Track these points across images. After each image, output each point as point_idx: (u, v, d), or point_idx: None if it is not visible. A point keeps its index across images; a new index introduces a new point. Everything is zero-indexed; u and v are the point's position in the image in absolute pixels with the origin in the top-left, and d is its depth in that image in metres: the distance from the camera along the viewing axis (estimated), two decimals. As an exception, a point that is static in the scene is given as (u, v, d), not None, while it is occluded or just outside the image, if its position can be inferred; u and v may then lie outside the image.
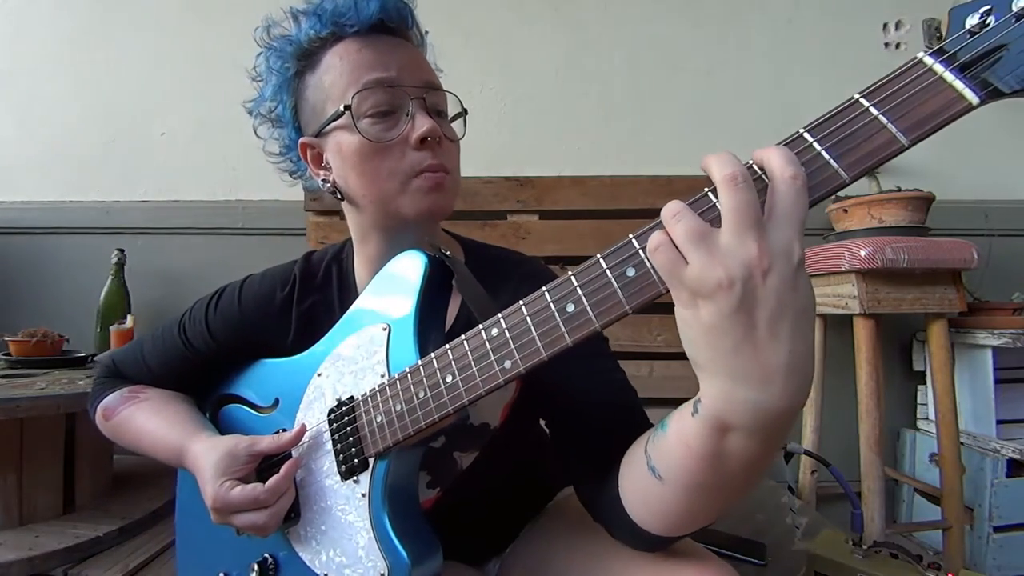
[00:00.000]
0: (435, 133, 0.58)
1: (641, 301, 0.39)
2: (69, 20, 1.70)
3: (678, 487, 0.43)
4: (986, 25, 0.34)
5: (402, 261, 0.58)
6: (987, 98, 0.33)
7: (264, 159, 0.69)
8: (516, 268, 0.69)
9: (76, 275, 1.64)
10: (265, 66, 0.64)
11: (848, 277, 1.28)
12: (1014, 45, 0.33)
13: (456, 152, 0.64)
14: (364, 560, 0.53)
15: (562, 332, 0.42)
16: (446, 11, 1.60)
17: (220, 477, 0.57)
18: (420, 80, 0.60)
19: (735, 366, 0.34)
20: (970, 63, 0.34)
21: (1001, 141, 1.62)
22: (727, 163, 0.34)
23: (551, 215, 1.53)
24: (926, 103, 0.34)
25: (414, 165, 0.58)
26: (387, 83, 0.58)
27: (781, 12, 1.67)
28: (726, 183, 0.33)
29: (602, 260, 0.40)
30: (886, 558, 0.81)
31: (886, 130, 0.34)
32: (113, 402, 0.71)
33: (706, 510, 0.45)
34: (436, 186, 0.59)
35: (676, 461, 0.42)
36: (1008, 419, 1.41)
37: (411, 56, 0.61)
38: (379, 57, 0.59)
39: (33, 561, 0.92)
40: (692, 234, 0.34)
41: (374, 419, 0.54)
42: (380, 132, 0.58)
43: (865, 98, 0.35)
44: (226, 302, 0.71)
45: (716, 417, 0.37)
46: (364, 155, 0.59)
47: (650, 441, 0.46)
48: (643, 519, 0.49)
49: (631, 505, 0.49)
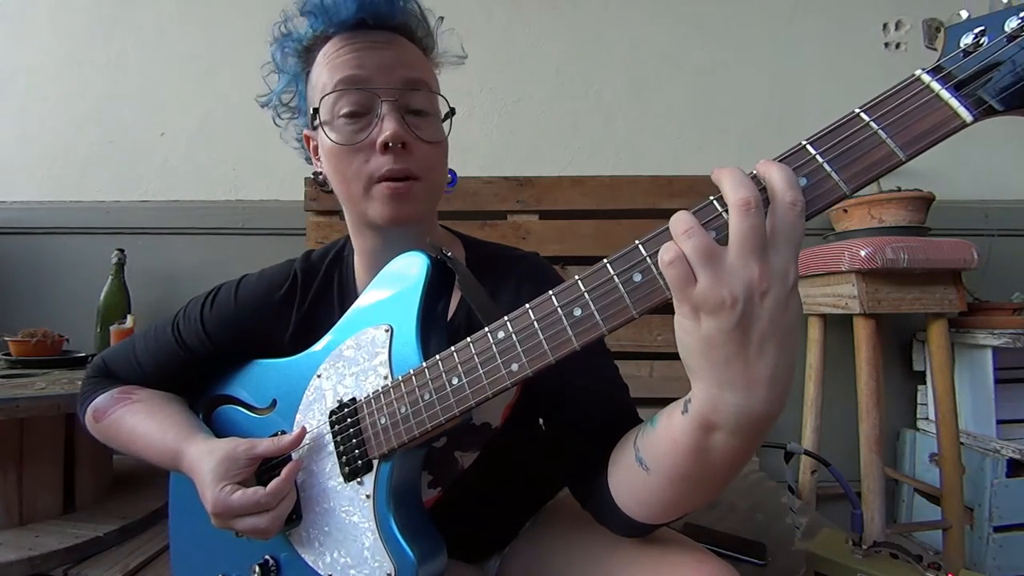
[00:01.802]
0: (396, 138, 0.56)
1: (648, 306, 0.40)
2: (69, 20, 1.70)
3: (663, 478, 0.46)
4: (980, 45, 0.35)
5: (403, 262, 0.58)
6: (981, 116, 0.34)
7: (264, 159, 0.69)
8: (516, 265, 0.69)
9: (76, 275, 1.64)
10: (279, 58, 0.65)
11: (848, 277, 1.28)
12: (1006, 65, 0.34)
13: (435, 154, 0.61)
14: (370, 561, 0.53)
15: (569, 336, 0.42)
16: (446, 11, 1.60)
17: (220, 482, 0.56)
18: (397, 80, 0.59)
19: (725, 375, 0.37)
20: (965, 81, 0.35)
21: (1001, 141, 1.63)
22: (741, 185, 0.35)
23: (551, 215, 1.53)
24: (923, 119, 0.35)
25: (376, 170, 0.58)
26: (357, 83, 0.58)
27: (781, 12, 1.67)
28: (739, 208, 0.35)
29: (609, 266, 0.41)
30: (886, 558, 0.81)
31: (885, 144, 0.35)
32: (104, 403, 0.70)
33: (687, 500, 0.48)
34: (396, 195, 0.58)
35: (664, 454, 0.45)
36: (1008, 419, 1.41)
37: (392, 53, 0.60)
38: (354, 56, 0.59)
39: (33, 561, 0.92)
40: (702, 253, 0.36)
41: (378, 421, 0.54)
42: (350, 134, 0.59)
43: (865, 113, 0.36)
44: (222, 300, 0.70)
45: (704, 417, 0.40)
46: (335, 155, 0.60)
47: (639, 436, 0.49)
48: (629, 507, 0.51)
49: (619, 494, 0.52)
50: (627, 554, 0.57)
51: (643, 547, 0.58)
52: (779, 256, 0.35)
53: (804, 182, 0.37)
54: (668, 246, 0.37)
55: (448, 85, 0.64)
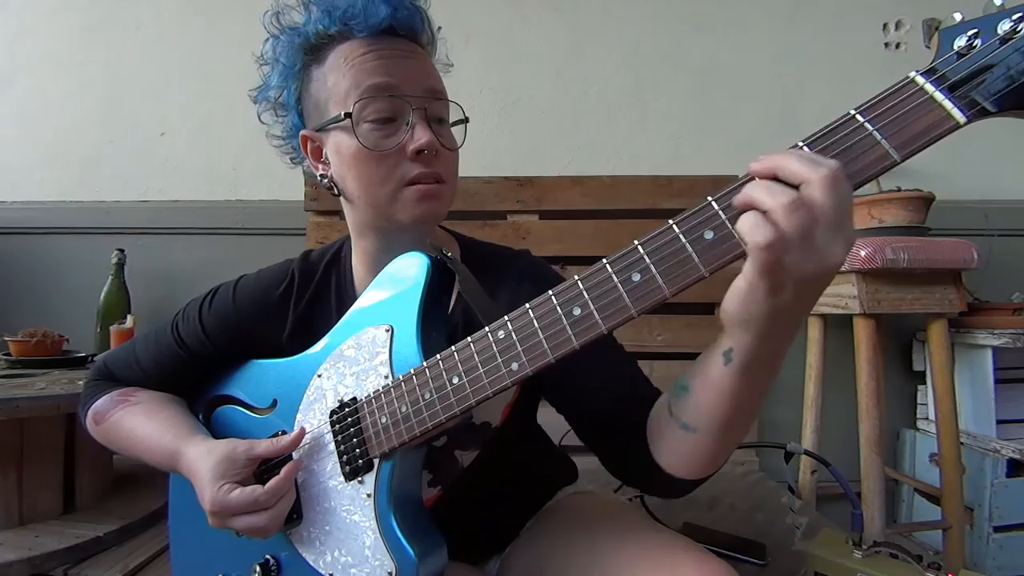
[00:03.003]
0: (432, 146, 0.58)
1: (647, 305, 0.40)
2: (69, 20, 1.70)
3: (711, 434, 0.48)
4: (973, 47, 0.36)
5: (404, 262, 0.58)
6: (973, 117, 0.35)
7: (264, 159, 0.69)
8: (512, 264, 0.69)
9: (76, 275, 1.64)
10: (272, 53, 0.64)
11: (848, 277, 1.28)
12: (999, 67, 0.35)
13: (454, 160, 0.64)
14: (371, 559, 0.53)
15: (569, 335, 0.43)
16: (446, 11, 1.60)
17: (218, 481, 0.56)
18: (423, 89, 0.60)
19: (775, 328, 0.40)
20: (958, 83, 0.36)
21: (1001, 141, 1.63)
22: (821, 162, 0.35)
23: (551, 215, 1.53)
24: (917, 121, 0.36)
25: (407, 173, 0.59)
26: (389, 91, 0.58)
27: (781, 12, 1.67)
28: (829, 182, 0.35)
29: (608, 264, 0.41)
30: (886, 558, 0.81)
31: (880, 145, 0.36)
32: (104, 406, 0.70)
33: (731, 445, 0.51)
34: (428, 196, 0.59)
35: (711, 410, 0.46)
36: (1008, 419, 1.41)
37: (417, 63, 0.61)
38: (383, 63, 0.59)
39: (33, 561, 0.92)
40: (806, 229, 0.35)
41: (379, 420, 0.54)
42: (379, 139, 0.59)
43: (861, 114, 0.37)
44: (221, 300, 0.70)
45: (747, 363, 0.42)
46: (361, 160, 0.59)
47: (674, 405, 0.50)
48: (679, 470, 0.53)
49: (668, 462, 0.53)
50: (627, 554, 0.57)
51: (643, 547, 0.58)
52: (851, 233, 0.37)
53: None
54: (758, 223, 0.35)
55: (448, 85, 0.64)
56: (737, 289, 0.39)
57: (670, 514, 1.12)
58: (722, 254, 0.38)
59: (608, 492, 0.90)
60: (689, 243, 0.39)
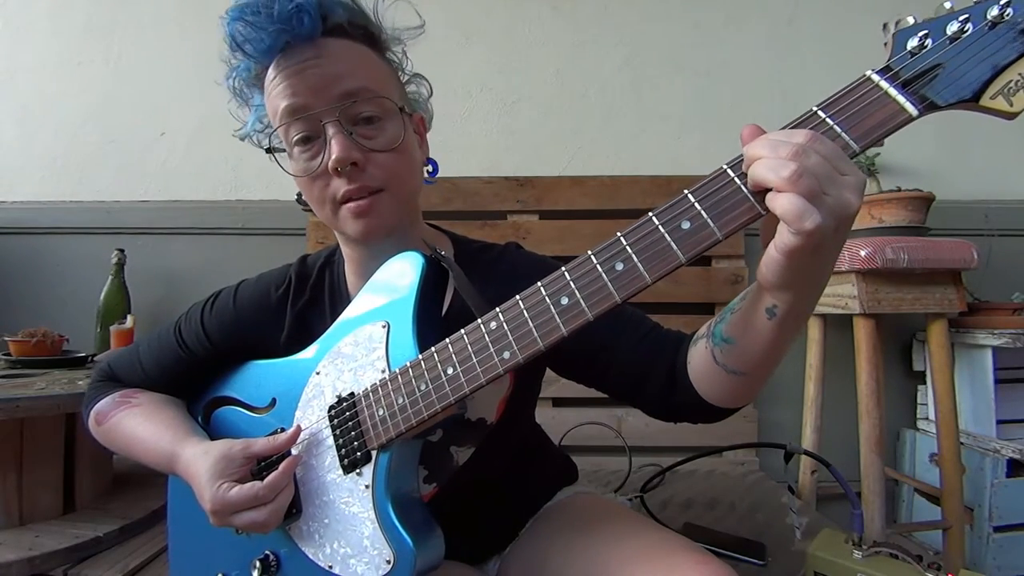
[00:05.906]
0: (342, 163, 0.56)
1: (630, 292, 0.42)
2: (69, 20, 1.70)
3: (756, 373, 0.51)
4: (924, 47, 0.39)
5: (399, 262, 0.59)
6: (925, 111, 0.38)
7: (263, 159, 0.69)
8: (502, 258, 0.70)
9: (76, 275, 1.64)
10: (234, 85, 0.65)
11: (848, 277, 1.28)
12: (948, 64, 0.38)
13: (395, 160, 0.59)
14: (370, 549, 0.54)
15: (557, 323, 0.45)
16: (446, 11, 1.61)
17: (217, 479, 0.56)
18: (333, 96, 0.56)
19: (813, 283, 0.43)
20: (911, 80, 0.39)
21: (1001, 141, 1.62)
22: (792, 132, 0.39)
23: (551, 215, 1.53)
24: (874, 115, 0.39)
25: (336, 192, 0.58)
26: (297, 113, 0.57)
27: (781, 12, 1.67)
28: (812, 136, 0.37)
29: (592, 256, 0.44)
30: (886, 558, 0.81)
31: (841, 138, 0.39)
32: (105, 407, 0.72)
33: (770, 375, 0.53)
34: (360, 213, 0.58)
35: (757, 357, 0.49)
36: (1008, 419, 1.41)
37: (322, 70, 0.56)
38: (289, 83, 0.57)
39: (33, 561, 0.92)
40: (837, 157, 0.37)
41: (376, 413, 0.55)
42: (306, 162, 0.59)
43: (822, 110, 0.40)
44: (222, 303, 0.72)
45: (788, 315, 0.45)
46: (301, 184, 0.61)
47: (718, 356, 0.52)
48: (729, 403, 0.56)
49: (719, 399, 0.56)
50: (627, 554, 0.58)
51: (643, 547, 0.58)
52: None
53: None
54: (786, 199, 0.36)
55: (448, 85, 0.64)
56: (774, 260, 0.40)
57: (670, 514, 1.12)
58: (698, 242, 0.41)
59: (608, 492, 0.90)
60: (667, 233, 0.41)
